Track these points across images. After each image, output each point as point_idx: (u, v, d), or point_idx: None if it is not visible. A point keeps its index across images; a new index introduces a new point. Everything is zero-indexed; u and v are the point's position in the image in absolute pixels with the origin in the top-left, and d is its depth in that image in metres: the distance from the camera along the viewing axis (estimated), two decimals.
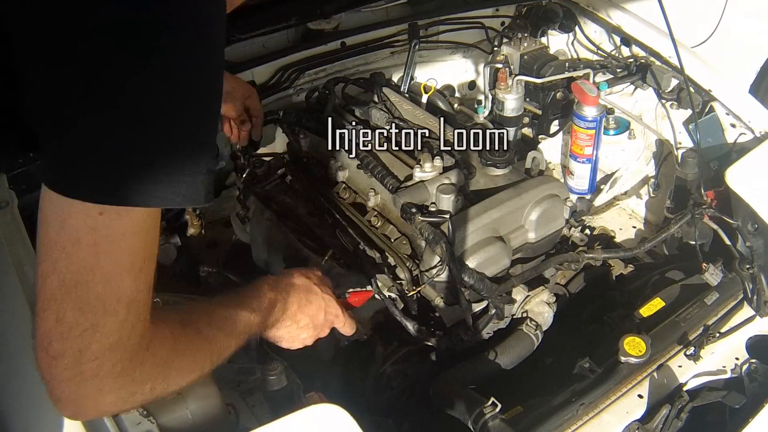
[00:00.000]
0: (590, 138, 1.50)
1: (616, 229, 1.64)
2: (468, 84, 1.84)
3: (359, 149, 1.32)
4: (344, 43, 1.60)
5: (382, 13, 1.70)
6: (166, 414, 0.87)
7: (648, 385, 1.09)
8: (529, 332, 1.18)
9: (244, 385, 1.06)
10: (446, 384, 1.11)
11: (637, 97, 1.64)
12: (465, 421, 1.03)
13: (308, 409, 0.83)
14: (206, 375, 0.73)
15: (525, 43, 1.65)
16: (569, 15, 1.73)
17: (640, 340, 1.06)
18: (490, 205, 1.18)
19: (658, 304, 1.22)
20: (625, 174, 1.65)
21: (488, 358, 1.14)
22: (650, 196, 1.64)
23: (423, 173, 1.22)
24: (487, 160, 1.28)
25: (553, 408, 1.04)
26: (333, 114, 1.43)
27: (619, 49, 1.67)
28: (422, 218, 1.12)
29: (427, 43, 1.70)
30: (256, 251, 1.37)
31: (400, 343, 1.20)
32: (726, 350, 1.16)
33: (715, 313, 1.21)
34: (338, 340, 1.23)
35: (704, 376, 1.12)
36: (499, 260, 1.17)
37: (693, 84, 1.44)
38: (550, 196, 1.23)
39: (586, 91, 1.47)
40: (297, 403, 0.99)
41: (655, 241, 1.29)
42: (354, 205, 1.29)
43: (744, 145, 1.37)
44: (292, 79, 1.53)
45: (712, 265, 1.24)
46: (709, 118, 1.43)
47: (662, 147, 1.60)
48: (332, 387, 1.17)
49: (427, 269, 1.11)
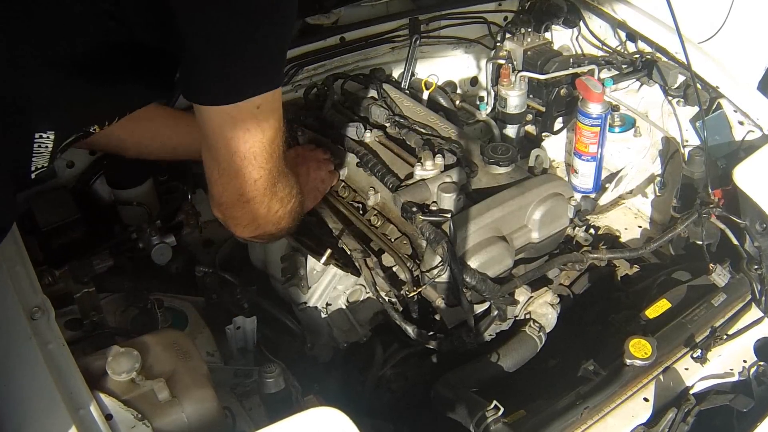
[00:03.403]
0: (595, 135, 1.49)
1: (621, 229, 1.62)
2: (470, 80, 1.82)
3: (359, 147, 1.30)
4: (343, 38, 1.59)
5: (382, 8, 1.69)
6: (161, 417, 0.86)
7: (654, 388, 1.08)
8: (533, 334, 1.17)
9: (240, 388, 1.06)
10: (447, 387, 1.10)
11: (642, 93, 1.63)
12: (467, 425, 1.02)
13: (306, 413, 0.82)
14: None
15: (528, 39, 1.63)
16: (573, 10, 1.71)
17: (645, 342, 1.05)
18: (493, 204, 1.17)
19: (664, 305, 1.21)
20: (630, 172, 1.64)
21: (490, 360, 1.13)
22: (656, 195, 1.62)
23: (424, 171, 1.21)
24: (489, 158, 1.26)
25: (556, 411, 1.02)
26: (332, 111, 1.42)
27: (624, 44, 1.65)
28: (423, 217, 1.11)
29: (428, 39, 1.68)
30: (254, 251, 1.35)
31: (400, 344, 1.19)
32: (733, 352, 1.14)
33: (723, 315, 1.19)
34: (337, 342, 1.22)
35: (711, 379, 1.11)
36: (502, 260, 1.16)
37: (700, 80, 1.43)
38: (554, 195, 1.22)
39: (591, 88, 1.45)
40: (295, 406, 0.98)
41: (661, 241, 1.28)
42: (353, 204, 1.27)
43: (752, 143, 1.36)
44: (290, 74, 1.51)
45: (720, 266, 1.23)
46: (716, 115, 1.42)
47: (668, 145, 1.58)
48: (331, 390, 1.16)
49: (428, 270, 1.10)
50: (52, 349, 0.87)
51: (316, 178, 1.23)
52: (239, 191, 0.93)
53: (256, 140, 0.89)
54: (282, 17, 0.85)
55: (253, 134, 0.88)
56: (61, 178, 1.32)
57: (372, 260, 1.14)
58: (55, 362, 0.86)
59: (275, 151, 0.92)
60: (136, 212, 1.32)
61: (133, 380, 0.87)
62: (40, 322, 0.90)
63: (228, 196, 0.94)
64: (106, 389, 0.86)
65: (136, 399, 0.86)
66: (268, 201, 0.96)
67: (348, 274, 1.19)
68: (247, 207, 0.95)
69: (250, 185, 0.92)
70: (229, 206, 0.96)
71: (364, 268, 1.13)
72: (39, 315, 0.90)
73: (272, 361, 1.02)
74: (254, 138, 0.89)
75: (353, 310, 1.24)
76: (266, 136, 0.90)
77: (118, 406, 0.84)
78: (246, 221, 0.98)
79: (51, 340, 0.88)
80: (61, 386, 0.83)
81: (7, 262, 0.97)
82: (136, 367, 0.87)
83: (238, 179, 0.92)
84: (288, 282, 1.23)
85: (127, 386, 0.87)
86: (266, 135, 0.90)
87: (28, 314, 0.90)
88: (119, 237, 1.27)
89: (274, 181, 0.95)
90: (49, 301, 0.93)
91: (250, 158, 0.90)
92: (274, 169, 0.94)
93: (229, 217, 0.98)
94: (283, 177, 0.97)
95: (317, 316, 1.22)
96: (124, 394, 0.86)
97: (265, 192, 0.94)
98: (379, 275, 1.13)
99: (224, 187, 0.93)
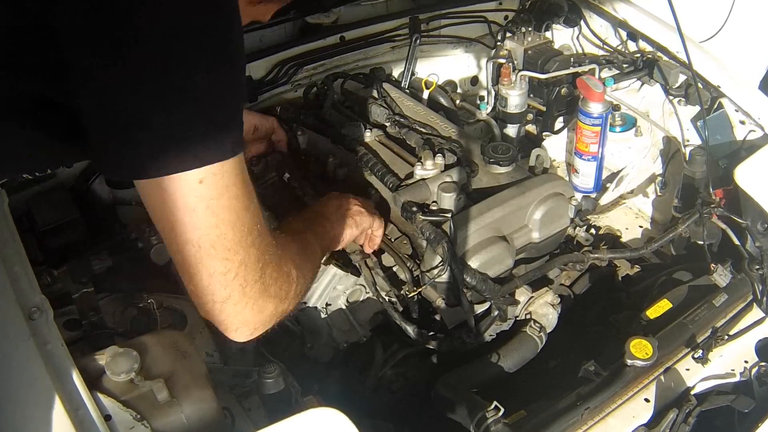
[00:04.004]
0: (596, 135, 1.48)
1: (622, 229, 1.62)
2: (470, 79, 1.82)
3: (359, 146, 1.30)
4: (343, 37, 1.59)
5: (382, 7, 1.69)
6: (160, 418, 0.86)
7: (654, 388, 1.08)
8: (533, 334, 1.17)
9: (240, 388, 1.05)
10: (448, 387, 1.09)
11: (643, 93, 1.62)
12: (467, 426, 1.02)
13: (306, 413, 0.82)
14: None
15: (529, 38, 1.63)
16: (574, 9, 1.70)
17: (646, 343, 1.05)
18: (493, 203, 1.16)
19: (666, 305, 1.20)
20: (631, 172, 1.63)
21: (491, 360, 1.13)
22: (657, 195, 1.62)
23: (424, 171, 1.21)
24: (489, 158, 1.25)
25: (557, 412, 1.02)
26: (332, 110, 1.41)
27: (625, 43, 1.65)
28: (423, 217, 1.11)
29: (428, 38, 1.68)
30: None
31: (400, 345, 1.18)
32: (735, 353, 1.14)
33: (724, 315, 1.19)
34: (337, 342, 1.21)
35: (712, 380, 1.10)
36: (502, 260, 1.15)
37: (701, 80, 1.42)
38: (555, 195, 1.22)
39: (592, 87, 1.45)
40: (294, 406, 0.98)
41: (663, 241, 1.28)
42: None
43: (753, 143, 1.36)
44: (289, 74, 1.51)
45: (721, 266, 1.22)
46: (717, 114, 1.42)
47: (669, 144, 1.58)
48: (330, 390, 1.16)
49: (428, 269, 1.09)
50: (50, 349, 0.87)
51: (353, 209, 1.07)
52: (208, 289, 0.72)
53: (208, 226, 0.68)
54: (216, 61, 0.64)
55: (201, 218, 0.68)
56: (59, 178, 1.31)
57: (372, 260, 1.14)
58: (54, 362, 0.85)
59: (244, 239, 0.71)
60: (135, 212, 1.32)
61: (132, 381, 0.86)
62: (38, 322, 0.89)
63: (199, 295, 0.73)
64: (104, 390, 0.86)
65: (135, 399, 0.85)
66: (253, 301, 0.75)
67: (348, 274, 1.19)
68: (226, 310, 0.74)
69: (219, 283, 0.71)
70: (206, 310, 0.75)
71: (364, 267, 1.13)
72: (38, 315, 0.90)
73: (272, 361, 1.01)
74: (205, 223, 0.68)
75: (353, 310, 1.23)
76: (223, 221, 0.69)
77: (117, 406, 0.84)
78: (234, 326, 0.77)
79: (50, 340, 0.88)
80: (60, 387, 0.83)
81: (6, 261, 0.96)
82: (135, 367, 0.86)
83: (202, 274, 0.71)
84: None
85: (126, 387, 0.86)
86: (222, 219, 0.68)
87: (27, 314, 0.89)
88: (118, 237, 1.27)
89: (256, 276, 0.74)
90: (48, 301, 0.92)
91: (207, 248, 0.69)
92: (251, 260, 0.72)
93: (215, 321, 0.77)
94: (270, 267, 0.76)
95: (317, 316, 1.22)
96: (123, 394, 0.86)
97: (245, 290, 0.73)
98: (379, 275, 1.13)
99: (192, 282, 0.72)
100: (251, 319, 0.77)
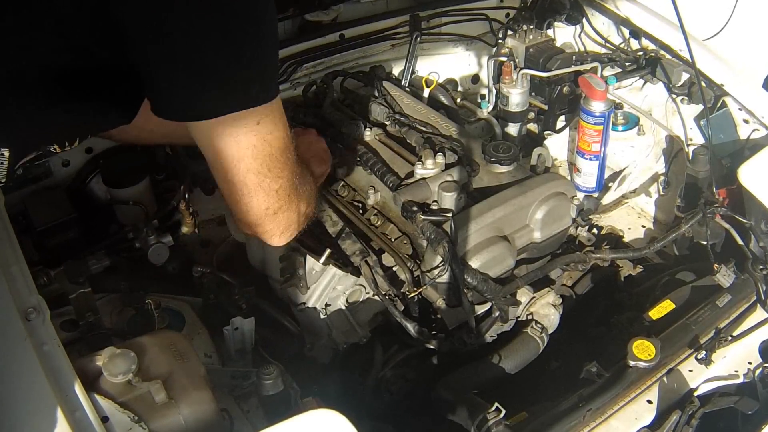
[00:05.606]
0: (598, 134, 1.48)
1: (625, 229, 1.62)
2: (471, 78, 1.81)
3: (358, 145, 1.29)
4: (343, 35, 1.58)
5: (382, 4, 1.68)
6: (158, 419, 0.85)
7: (657, 390, 1.08)
8: (534, 335, 1.16)
9: (238, 390, 1.05)
10: (448, 389, 1.09)
11: (646, 91, 1.62)
12: (468, 427, 1.01)
13: (305, 415, 0.81)
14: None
15: (530, 36, 1.63)
16: (576, 6, 1.70)
17: (649, 344, 1.04)
18: (494, 203, 1.16)
19: (668, 306, 1.20)
20: (634, 171, 1.63)
21: (492, 361, 1.13)
22: (660, 195, 1.61)
23: (424, 170, 1.20)
24: (490, 157, 1.25)
25: (559, 414, 1.02)
26: (331, 109, 1.40)
27: (627, 41, 1.64)
28: (424, 217, 1.10)
29: (428, 36, 1.67)
30: (252, 251, 1.34)
31: (400, 346, 1.18)
32: (738, 354, 1.13)
33: (727, 316, 1.18)
34: (336, 343, 1.21)
35: (716, 381, 1.10)
36: (503, 260, 1.15)
37: (704, 78, 1.42)
38: (557, 194, 1.21)
39: (594, 86, 1.44)
40: (293, 408, 0.98)
41: (665, 241, 1.27)
42: (353, 203, 1.26)
43: (757, 142, 1.36)
44: (289, 72, 1.51)
45: (724, 266, 1.22)
46: (721, 113, 1.42)
47: (672, 143, 1.57)
48: (330, 391, 1.15)
49: (429, 270, 1.09)
50: (47, 350, 0.86)
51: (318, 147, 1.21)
52: (264, 206, 0.91)
53: (265, 155, 0.86)
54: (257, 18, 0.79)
55: (261, 150, 0.85)
56: (56, 177, 1.31)
57: (372, 259, 1.13)
58: (51, 363, 0.84)
59: (289, 158, 0.90)
60: (132, 211, 1.31)
61: (130, 382, 0.86)
62: (35, 323, 0.89)
63: (254, 214, 0.92)
64: (102, 391, 0.85)
65: (132, 401, 0.85)
66: (295, 205, 0.95)
67: (347, 275, 1.18)
68: (277, 218, 0.93)
69: (273, 197, 0.91)
70: (258, 223, 0.93)
71: (363, 266, 1.12)
72: (34, 316, 0.89)
73: (271, 362, 1.01)
74: (263, 153, 0.86)
75: (353, 310, 1.23)
76: (276, 149, 0.87)
77: (115, 408, 0.83)
78: (280, 230, 0.96)
79: (46, 341, 0.87)
80: (57, 388, 0.82)
81: (2, 262, 0.96)
82: (132, 368, 0.86)
83: (258, 196, 0.89)
84: (287, 282, 1.22)
85: (123, 388, 0.86)
86: (275, 147, 0.87)
87: (23, 315, 0.89)
88: (115, 237, 1.26)
89: (295, 185, 0.93)
90: (45, 302, 0.92)
91: (265, 172, 0.88)
92: (292, 173, 0.92)
93: (262, 232, 0.95)
94: (301, 176, 0.95)
95: (316, 316, 1.21)
96: (121, 395, 0.85)
97: (290, 198, 0.93)
98: (379, 275, 1.12)
99: (247, 206, 0.91)
100: (294, 220, 0.96)
